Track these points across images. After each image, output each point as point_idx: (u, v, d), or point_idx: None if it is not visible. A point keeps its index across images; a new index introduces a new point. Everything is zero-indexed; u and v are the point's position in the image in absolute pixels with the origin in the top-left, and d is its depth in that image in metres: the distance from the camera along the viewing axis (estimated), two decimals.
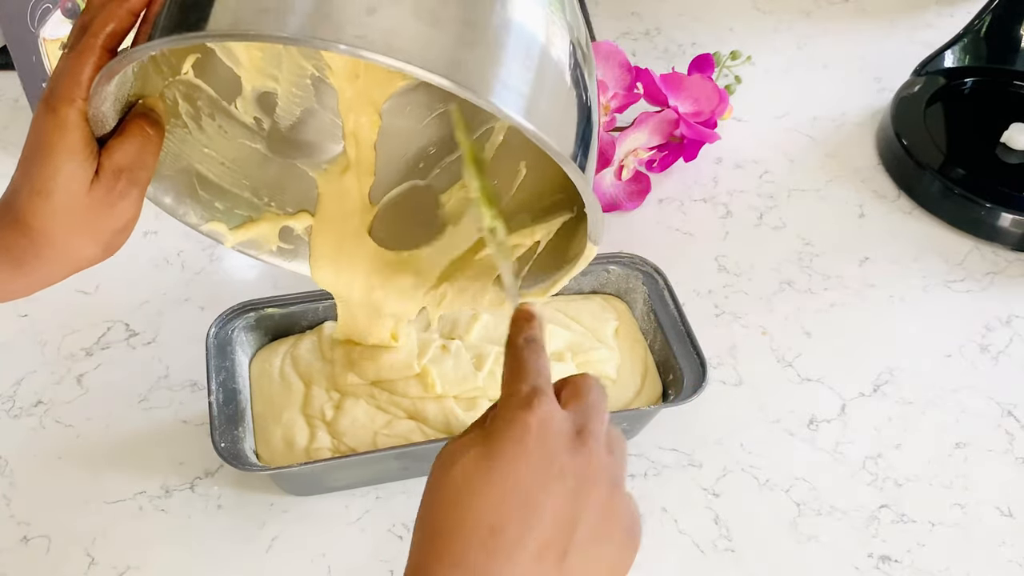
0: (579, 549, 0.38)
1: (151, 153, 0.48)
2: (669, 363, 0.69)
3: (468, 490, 0.39)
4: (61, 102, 0.44)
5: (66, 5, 0.84)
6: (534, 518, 0.38)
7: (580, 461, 0.40)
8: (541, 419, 0.40)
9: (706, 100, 0.89)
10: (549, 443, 0.39)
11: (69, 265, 0.49)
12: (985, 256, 0.85)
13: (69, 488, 0.66)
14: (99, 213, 0.47)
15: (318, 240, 0.61)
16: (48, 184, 0.45)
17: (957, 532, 0.65)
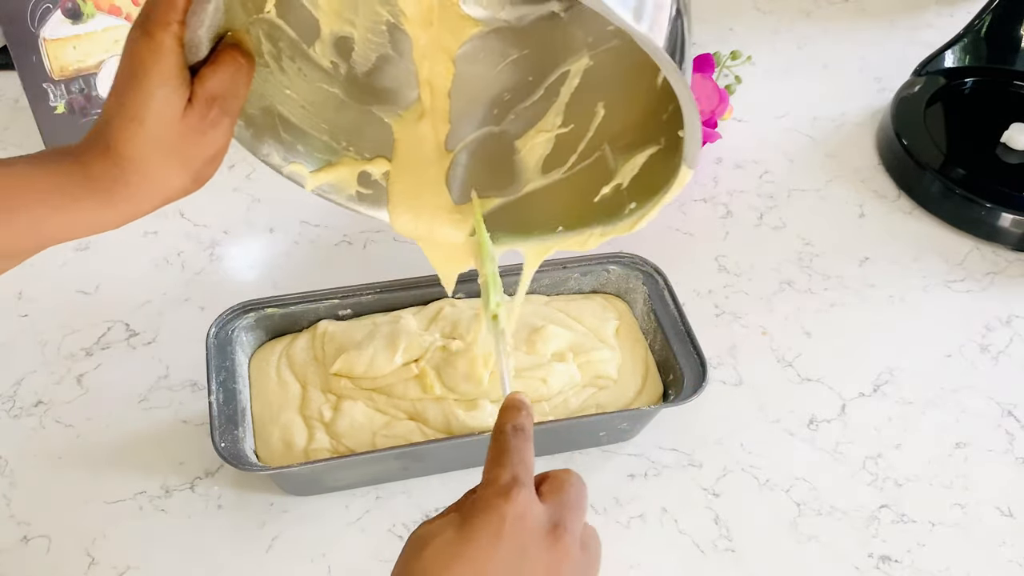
0: None
1: (243, 82, 0.48)
2: (669, 363, 0.69)
3: (431, 567, 0.39)
4: (157, 26, 0.44)
5: (66, 5, 0.85)
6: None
7: (552, 557, 0.40)
8: (518, 511, 0.40)
9: (706, 100, 0.89)
10: (523, 536, 0.40)
11: (159, 195, 0.48)
12: (985, 256, 0.85)
13: (69, 488, 0.66)
14: (191, 141, 0.47)
15: (396, 186, 0.60)
16: (141, 110, 0.45)
17: (957, 532, 0.65)
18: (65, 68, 0.86)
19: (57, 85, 0.86)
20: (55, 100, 0.87)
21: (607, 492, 0.66)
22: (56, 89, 0.86)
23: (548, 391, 0.68)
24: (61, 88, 0.87)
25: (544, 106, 0.59)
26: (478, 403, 0.67)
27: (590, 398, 0.68)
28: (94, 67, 0.87)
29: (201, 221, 0.85)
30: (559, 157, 0.59)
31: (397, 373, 0.68)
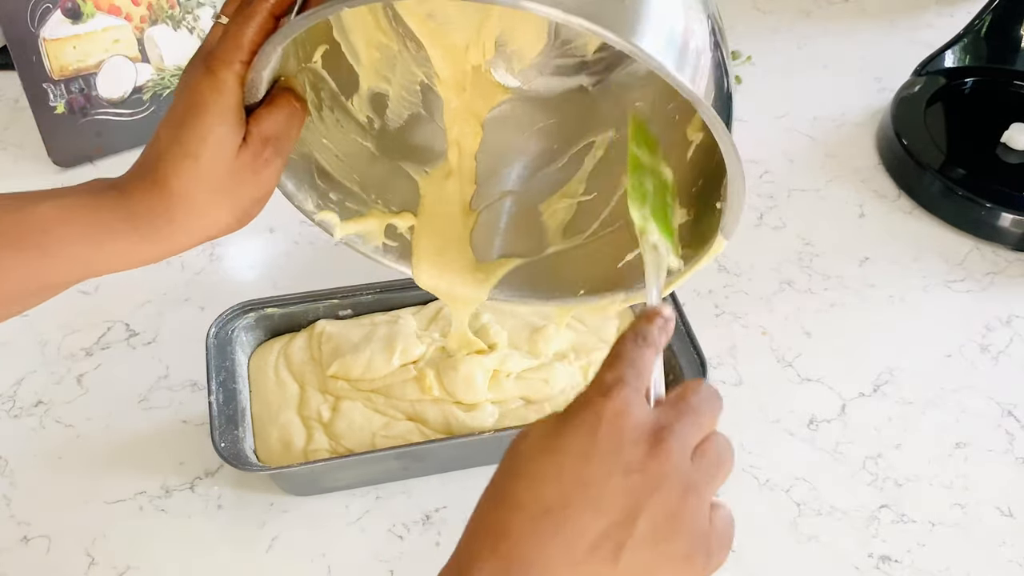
0: (636, 548, 0.36)
1: (296, 125, 0.48)
2: (669, 363, 0.69)
3: (529, 465, 0.38)
4: (221, 64, 0.44)
5: (66, 5, 0.85)
6: (589, 506, 0.36)
7: (652, 460, 0.37)
8: (617, 408, 0.38)
9: None
10: (620, 434, 0.37)
11: (201, 232, 0.48)
12: (985, 256, 0.85)
13: (69, 488, 0.66)
14: (241, 180, 0.47)
15: (420, 241, 0.61)
16: (198, 146, 0.45)
17: (957, 532, 0.65)
18: (65, 68, 0.86)
19: (57, 85, 0.86)
20: (55, 100, 0.87)
21: None
22: (56, 89, 0.86)
23: (550, 391, 0.68)
24: (61, 88, 0.87)
25: (568, 173, 0.61)
26: (478, 403, 0.67)
27: None
28: (94, 67, 0.87)
29: None
30: (582, 223, 0.60)
31: (395, 374, 0.68)
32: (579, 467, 0.37)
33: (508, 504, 0.37)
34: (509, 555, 0.36)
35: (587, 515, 0.36)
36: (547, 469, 0.37)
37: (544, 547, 0.36)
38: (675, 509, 0.37)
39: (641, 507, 0.36)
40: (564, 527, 0.36)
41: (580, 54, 0.59)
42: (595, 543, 0.36)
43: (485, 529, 0.38)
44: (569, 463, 0.37)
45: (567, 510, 0.36)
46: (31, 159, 0.91)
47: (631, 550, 0.36)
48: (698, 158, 0.54)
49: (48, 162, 0.89)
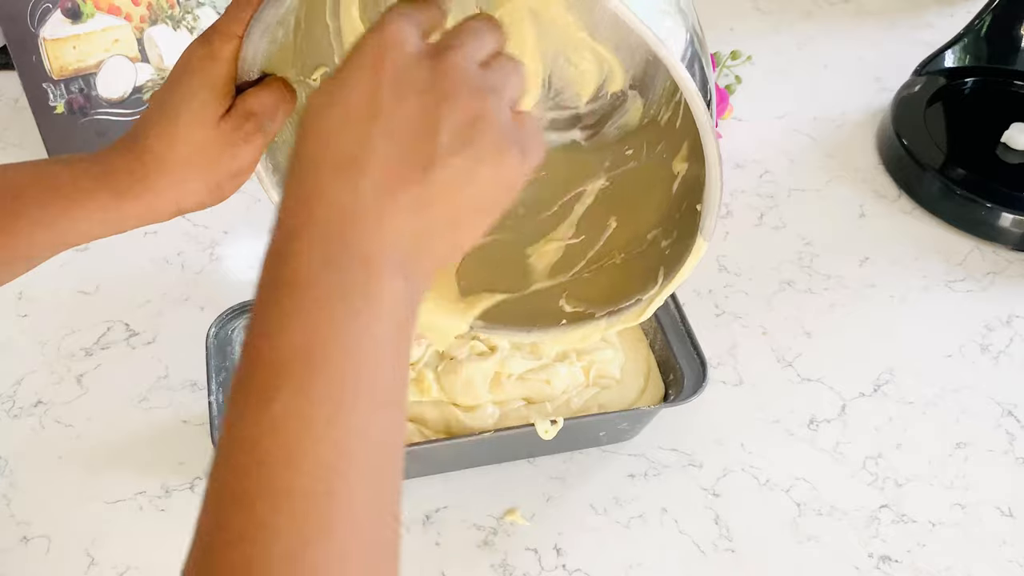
0: (446, 158, 0.35)
1: (283, 109, 0.49)
2: (669, 363, 0.69)
3: (319, 122, 0.36)
4: (217, 35, 0.45)
5: (66, 5, 0.84)
6: (388, 137, 0.35)
7: (439, 76, 0.36)
8: (390, 37, 0.36)
9: None
10: (402, 60, 0.36)
11: (176, 201, 0.48)
12: (985, 256, 0.85)
13: (69, 488, 0.66)
14: (219, 150, 0.47)
15: None
16: (179, 107, 0.46)
17: (957, 532, 0.65)
18: (65, 68, 0.86)
19: (57, 85, 0.86)
20: (55, 100, 0.87)
21: (607, 492, 0.66)
22: (56, 89, 0.86)
23: (552, 392, 0.68)
24: (61, 88, 0.87)
25: (557, 220, 0.61)
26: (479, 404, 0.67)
27: (592, 398, 0.68)
28: (94, 67, 0.87)
29: (201, 221, 0.85)
30: (568, 263, 0.61)
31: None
32: (368, 105, 0.35)
33: (309, 165, 0.36)
34: (324, 214, 0.35)
35: (388, 147, 0.35)
36: (336, 118, 0.36)
37: (357, 192, 0.35)
38: (475, 111, 0.36)
39: (440, 119, 0.35)
40: (370, 166, 0.35)
41: (573, 105, 0.60)
42: (404, 170, 0.35)
43: (296, 200, 0.36)
44: (356, 104, 0.35)
45: (367, 150, 0.35)
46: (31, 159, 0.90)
47: (441, 162, 0.35)
48: (682, 189, 0.55)
49: None
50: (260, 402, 0.32)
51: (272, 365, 0.33)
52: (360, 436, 0.33)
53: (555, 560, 0.63)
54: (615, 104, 0.60)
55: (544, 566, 0.62)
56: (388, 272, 0.35)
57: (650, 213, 0.57)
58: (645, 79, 0.59)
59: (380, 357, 0.34)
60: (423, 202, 0.35)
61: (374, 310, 0.34)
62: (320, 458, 0.32)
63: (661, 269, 0.53)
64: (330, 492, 0.32)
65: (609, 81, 0.59)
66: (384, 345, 0.34)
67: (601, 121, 0.61)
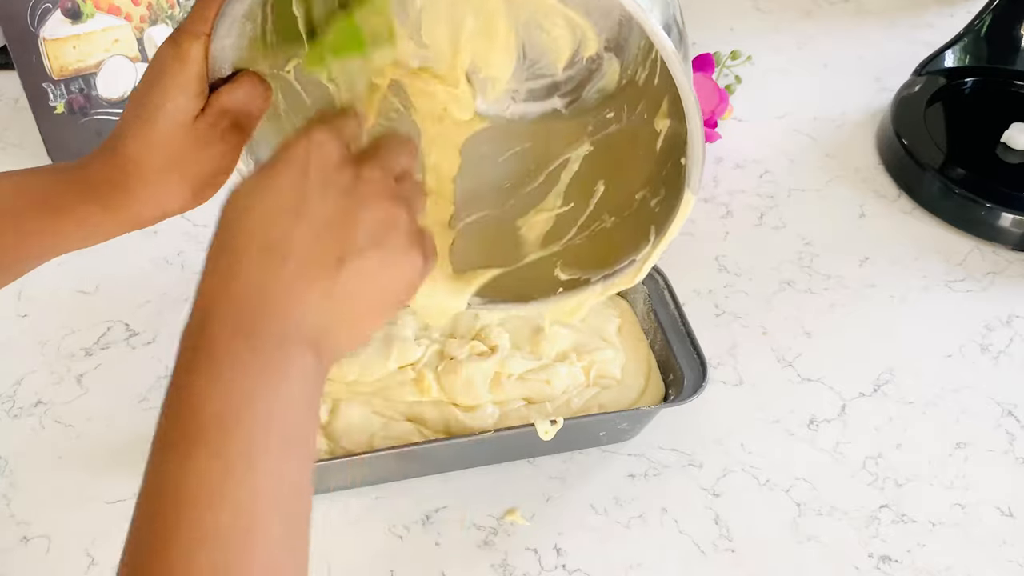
0: (359, 253, 0.39)
1: (258, 104, 0.49)
2: (669, 363, 0.69)
3: (245, 211, 0.39)
4: (185, 36, 0.46)
5: (66, 5, 0.84)
6: (307, 228, 0.38)
7: (360, 181, 0.40)
8: (317, 142, 0.40)
9: (706, 100, 0.89)
10: (321, 161, 0.40)
11: (157, 205, 0.49)
12: (985, 256, 0.85)
13: (69, 488, 0.66)
14: (197, 151, 0.47)
15: None
16: (155, 112, 0.46)
17: (957, 532, 0.65)
18: (65, 68, 0.86)
19: (57, 85, 0.86)
20: (55, 100, 0.87)
21: (607, 492, 0.66)
22: (56, 89, 0.86)
23: (552, 392, 0.68)
24: (61, 88, 0.87)
25: (546, 189, 0.61)
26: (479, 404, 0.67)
27: (593, 398, 0.68)
28: (94, 67, 0.87)
29: (201, 221, 0.85)
30: (560, 231, 0.61)
31: (393, 376, 0.68)
32: (293, 199, 0.39)
33: (232, 249, 0.38)
34: (242, 293, 0.37)
35: (308, 239, 0.38)
36: (262, 207, 0.39)
37: (272, 277, 0.38)
38: (388, 215, 0.40)
39: (357, 220, 0.39)
40: (289, 256, 0.38)
41: (550, 73, 0.60)
42: (321, 261, 0.38)
43: (217, 276, 0.39)
44: (284, 198, 0.39)
45: (288, 239, 0.38)
46: (31, 159, 0.91)
47: (355, 258, 0.39)
48: (667, 146, 0.54)
49: (48, 162, 0.89)
50: (180, 457, 0.35)
51: (191, 429, 0.36)
52: (274, 481, 0.36)
53: (555, 560, 0.63)
54: (592, 68, 0.60)
55: (544, 566, 0.62)
56: (299, 348, 0.37)
57: (636, 174, 0.57)
58: (619, 40, 0.58)
59: (290, 418, 0.37)
60: (335, 291, 0.39)
61: (286, 379, 0.37)
62: (239, 500, 0.35)
63: (652, 228, 0.53)
64: (249, 529, 0.35)
65: (583, 46, 0.59)
66: (294, 407, 0.37)
67: (579, 87, 0.61)
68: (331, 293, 0.38)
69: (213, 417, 0.36)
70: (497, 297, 0.60)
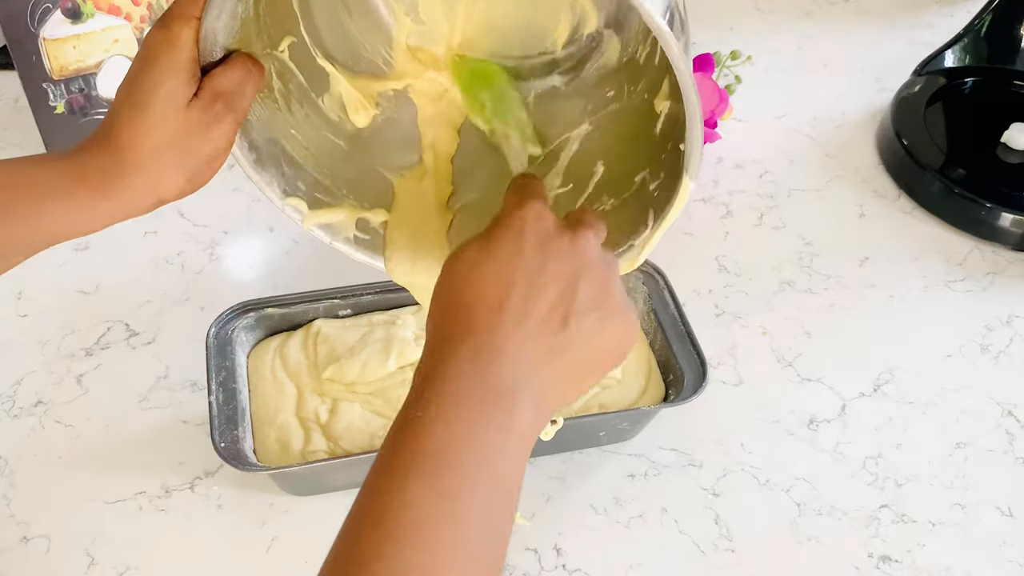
0: (581, 313, 0.42)
1: (251, 85, 0.49)
2: (669, 363, 0.69)
3: (473, 272, 0.42)
4: (175, 19, 0.45)
5: (66, 5, 0.84)
6: (535, 289, 0.41)
7: (575, 247, 0.43)
8: (535, 213, 0.44)
9: (706, 100, 0.89)
10: (544, 231, 0.43)
11: (154, 192, 0.48)
12: (985, 256, 0.85)
13: (69, 488, 0.66)
14: (191, 136, 0.47)
15: (394, 237, 0.61)
16: (147, 97, 0.45)
17: (957, 532, 0.65)
18: (65, 68, 0.86)
19: (57, 85, 0.86)
20: (55, 100, 0.87)
21: (607, 492, 0.66)
22: (56, 89, 0.86)
23: None
24: (61, 88, 0.87)
25: (545, 169, 0.61)
26: None
27: (593, 398, 0.68)
28: (94, 67, 0.87)
29: (201, 221, 0.85)
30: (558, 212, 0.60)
31: (393, 376, 0.68)
32: (516, 264, 0.42)
33: (465, 305, 0.42)
34: (475, 341, 0.40)
35: (534, 299, 0.41)
36: (489, 272, 0.42)
37: (509, 334, 0.41)
38: (604, 279, 0.44)
39: (577, 282, 0.42)
40: (516, 312, 0.41)
41: (549, 50, 0.59)
42: (546, 319, 0.41)
43: (443, 325, 0.42)
44: (507, 262, 0.42)
45: (515, 299, 0.41)
46: None
47: (577, 316, 0.42)
48: (667, 128, 0.54)
49: None
50: (394, 484, 0.37)
51: (409, 458, 0.38)
52: (476, 526, 0.38)
53: (555, 560, 0.63)
54: (592, 46, 0.59)
55: (544, 566, 0.62)
56: (522, 402, 0.40)
57: (636, 155, 0.56)
58: (619, 17, 0.57)
59: (502, 466, 0.39)
60: (558, 350, 0.41)
61: (505, 428, 0.39)
62: (441, 539, 0.36)
63: (651, 211, 0.53)
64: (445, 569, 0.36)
65: (583, 23, 0.58)
66: (507, 457, 0.39)
67: (579, 64, 0.60)
68: (557, 352, 0.41)
69: (433, 451, 0.38)
70: None
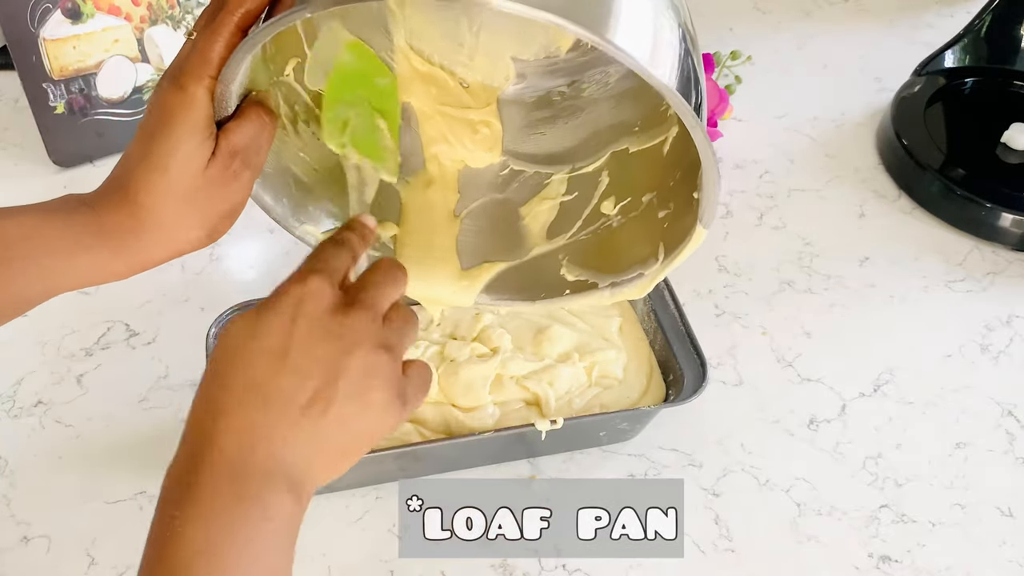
0: (342, 403, 0.41)
1: (266, 138, 0.49)
2: (669, 363, 0.69)
3: (236, 351, 0.41)
4: (190, 79, 0.45)
5: (66, 5, 0.84)
6: (295, 375, 0.41)
7: (346, 329, 0.42)
8: (311, 290, 0.42)
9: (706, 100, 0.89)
10: (316, 311, 0.42)
11: (171, 248, 0.49)
12: (985, 256, 0.85)
13: (69, 488, 0.66)
14: (211, 194, 0.47)
15: (404, 250, 0.61)
16: (167, 160, 0.45)
17: (957, 532, 0.65)
18: (65, 68, 0.86)
19: (57, 85, 0.86)
20: (55, 100, 0.87)
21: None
22: (56, 89, 0.86)
23: (554, 393, 0.67)
24: (61, 88, 0.87)
25: (547, 176, 0.60)
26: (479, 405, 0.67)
27: (595, 398, 0.68)
28: (94, 67, 0.87)
29: None
30: (564, 224, 0.60)
31: None
32: (282, 344, 0.41)
33: (221, 385, 0.41)
34: (228, 430, 0.40)
35: (294, 383, 0.41)
36: (253, 350, 0.41)
37: (258, 417, 0.40)
38: (370, 365, 0.42)
39: (340, 369, 0.41)
40: (272, 397, 0.40)
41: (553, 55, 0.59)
42: (306, 405, 0.41)
43: (202, 413, 0.41)
44: (272, 342, 0.41)
45: (274, 383, 0.40)
46: (31, 159, 0.91)
47: (338, 405, 0.41)
48: (675, 153, 0.54)
49: (48, 162, 0.89)
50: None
51: (175, 563, 0.38)
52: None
53: (555, 560, 0.63)
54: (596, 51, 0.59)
55: (544, 566, 0.62)
56: (280, 488, 0.40)
57: (642, 173, 0.56)
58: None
59: (270, 558, 0.40)
60: (317, 435, 0.41)
61: (267, 517, 0.39)
62: None
63: (661, 245, 0.53)
64: None
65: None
66: (273, 547, 0.40)
67: (582, 68, 0.59)
68: (311, 437, 0.41)
69: (196, 553, 0.38)
70: (504, 295, 0.60)
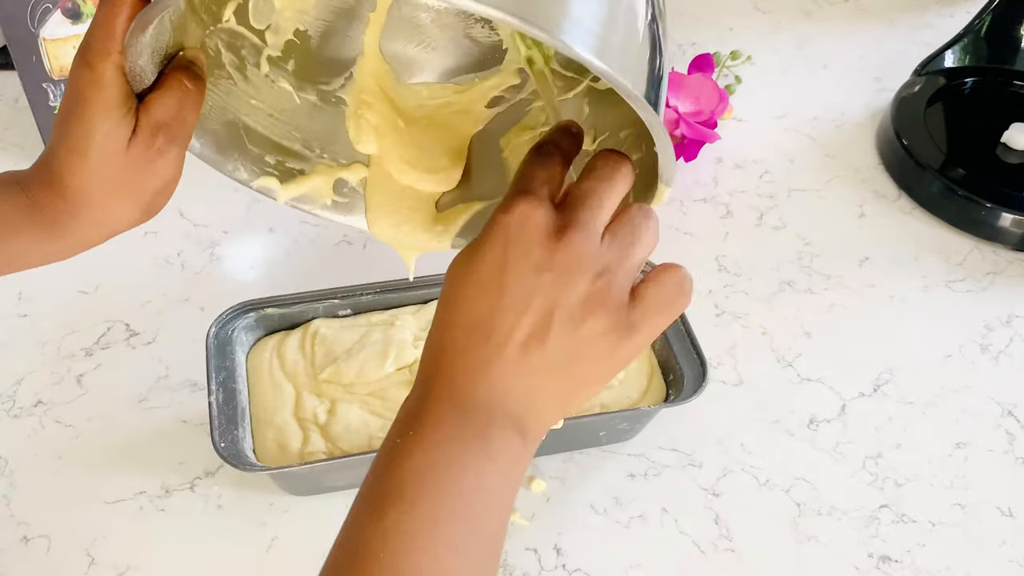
0: (557, 337, 0.39)
1: (191, 108, 0.46)
2: (669, 363, 0.69)
3: (453, 289, 0.41)
4: (96, 56, 0.42)
5: (66, 5, 0.84)
6: (510, 310, 0.39)
7: (559, 255, 0.39)
8: (519, 217, 0.40)
9: (706, 100, 0.89)
10: (526, 240, 0.40)
11: (107, 227, 0.47)
12: (985, 256, 0.85)
13: (69, 488, 0.66)
14: (137, 172, 0.45)
15: (374, 192, 0.58)
16: (84, 142, 0.43)
17: (957, 532, 0.65)
18: (65, 68, 0.86)
19: (57, 85, 0.86)
20: (55, 100, 0.87)
21: (607, 492, 0.66)
22: (56, 89, 0.86)
23: None
24: (61, 88, 0.87)
25: (527, 103, 0.58)
26: None
27: (595, 398, 0.68)
28: None
29: (201, 221, 0.85)
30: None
31: (391, 377, 0.68)
32: (495, 279, 0.40)
33: (443, 326, 0.41)
34: (452, 368, 0.40)
35: (509, 319, 0.39)
36: (469, 289, 0.40)
37: (478, 354, 0.39)
38: (585, 294, 0.40)
39: (556, 300, 0.39)
40: (492, 334, 0.39)
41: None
42: (523, 342, 0.39)
43: (430, 352, 0.41)
44: (485, 278, 0.40)
45: (492, 320, 0.39)
46: (31, 159, 0.89)
47: (554, 339, 0.39)
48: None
49: None
50: (374, 514, 0.38)
51: (389, 486, 0.38)
52: (457, 553, 0.37)
53: (555, 560, 0.63)
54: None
55: (544, 566, 0.62)
56: (502, 425, 0.39)
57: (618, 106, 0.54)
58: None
59: (484, 495, 0.39)
60: (534, 374, 0.40)
61: (489, 458, 0.39)
62: (420, 569, 0.36)
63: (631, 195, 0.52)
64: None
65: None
66: (492, 485, 0.39)
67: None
68: (529, 376, 0.40)
69: (412, 475, 0.38)
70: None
